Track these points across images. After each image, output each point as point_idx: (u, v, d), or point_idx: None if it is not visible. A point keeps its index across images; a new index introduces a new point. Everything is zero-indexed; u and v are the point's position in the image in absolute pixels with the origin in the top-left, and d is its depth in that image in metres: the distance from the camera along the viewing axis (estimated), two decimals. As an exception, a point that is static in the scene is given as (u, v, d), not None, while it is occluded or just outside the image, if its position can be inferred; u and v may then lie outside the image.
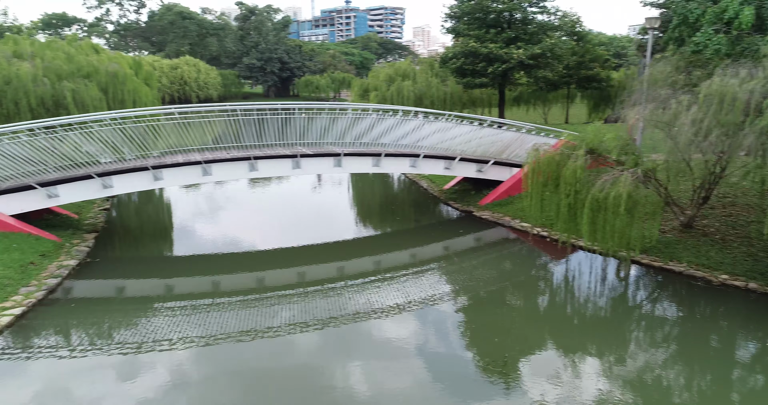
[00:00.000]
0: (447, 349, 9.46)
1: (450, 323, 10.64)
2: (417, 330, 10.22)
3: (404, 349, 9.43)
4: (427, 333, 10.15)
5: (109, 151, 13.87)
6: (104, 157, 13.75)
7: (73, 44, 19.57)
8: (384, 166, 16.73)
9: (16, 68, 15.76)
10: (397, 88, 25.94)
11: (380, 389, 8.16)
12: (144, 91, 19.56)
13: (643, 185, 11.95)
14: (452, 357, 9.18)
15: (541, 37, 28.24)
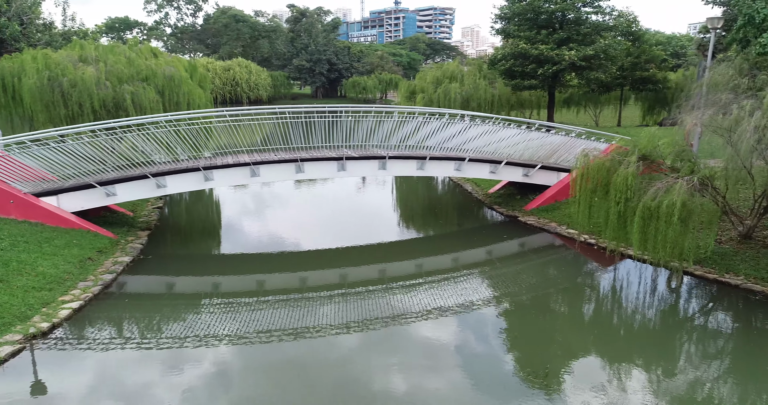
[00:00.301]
0: (486, 356, 9.35)
1: (490, 330, 10.50)
2: (456, 335, 10.18)
3: (442, 353, 9.42)
4: (466, 339, 10.08)
5: (163, 152, 14.43)
6: (159, 157, 14.30)
7: (133, 48, 20.46)
8: (428, 170, 16.68)
9: (82, 72, 16.62)
10: (444, 91, 25.80)
11: (416, 392, 8.16)
12: (198, 93, 20.22)
13: (699, 194, 11.45)
14: (491, 364, 9.07)
15: (595, 38, 27.47)
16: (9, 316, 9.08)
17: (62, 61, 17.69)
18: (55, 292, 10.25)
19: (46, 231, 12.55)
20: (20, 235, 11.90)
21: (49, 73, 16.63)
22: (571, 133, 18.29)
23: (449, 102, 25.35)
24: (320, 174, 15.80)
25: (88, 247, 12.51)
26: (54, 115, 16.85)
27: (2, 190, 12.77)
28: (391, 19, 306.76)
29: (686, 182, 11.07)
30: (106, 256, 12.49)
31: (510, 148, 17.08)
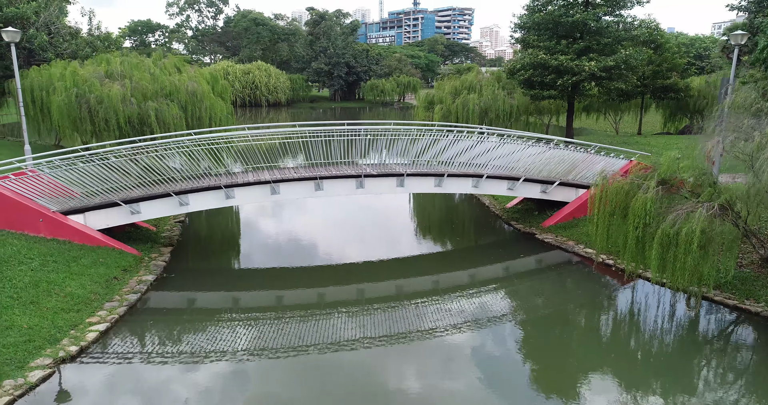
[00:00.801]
0: (498, 378, 9.49)
1: (503, 351, 10.69)
2: (471, 353, 10.46)
3: (459, 370, 9.71)
4: (481, 357, 10.36)
5: (186, 168, 14.76)
6: (181, 174, 14.62)
7: (157, 63, 20.93)
8: (446, 187, 16.77)
9: (108, 89, 17.06)
10: (462, 102, 25.82)
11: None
12: (219, 106, 20.58)
13: (720, 218, 11.37)
14: (504, 386, 9.21)
15: (616, 48, 27.24)
16: (39, 340, 9.42)
17: (89, 77, 18.17)
18: (82, 314, 10.59)
19: (73, 249, 12.93)
20: (49, 255, 12.28)
21: (77, 90, 17.09)
22: (591, 148, 18.22)
23: (467, 113, 25.38)
24: (339, 191, 15.98)
25: (113, 266, 12.86)
26: (81, 130, 17.33)
27: (32, 209, 13.18)
28: (409, 19, 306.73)
29: (706, 209, 11.02)
30: (131, 275, 12.83)
31: (529, 165, 17.08)
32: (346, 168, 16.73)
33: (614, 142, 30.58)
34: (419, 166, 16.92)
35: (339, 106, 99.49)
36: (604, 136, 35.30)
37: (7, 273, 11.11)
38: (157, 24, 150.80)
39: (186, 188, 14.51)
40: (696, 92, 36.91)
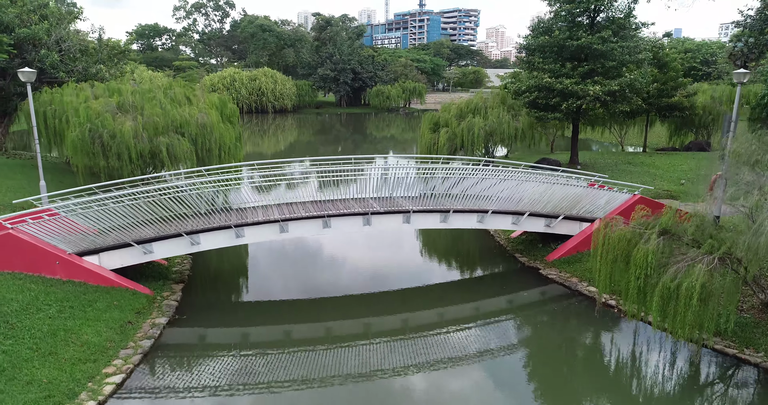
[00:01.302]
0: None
1: (501, 389, 11.19)
2: (468, 389, 11.04)
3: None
4: (479, 395, 10.78)
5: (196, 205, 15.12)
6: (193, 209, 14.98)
7: (168, 93, 21.35)
8: (451, 222, 17.05)
9: (121, 125, 17.46)
10: (467, 125, 26.07)
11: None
12: (228, 135, 20.94)
13: (719, 271, 11.59)
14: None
15: (620, 70, 27.43)
16: (59, 395, 9.77)
17: (102, 111, 18.56)
18: (99, 364, 10.94)
19: (88, 292, 13.30)
20: (66, 300, 12.66)
21: (90, 126, 17.47)
22: (594, 179, 18.46)
23: (473, 137, 25.64)
24: (346, 228, 16.30)
25: (127, 309, 13.22)
26: (94, 164, 17.69)
27: (49, 253, 13.56)
28: (415, 21, 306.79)
29: (706, 264, 11.25)
30: (144, 317, 13.19)
31: (533, 200, 17.34)
32: (353, 203, 17.07)
33: (619, 162, 30.80)
34: (425, 201, 17.22)
35: (345, 111, 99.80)
36: (608, 153, 35.47)
37: (27, 322, 11.48)
38: (164, 28, 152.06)
39: (197, 228, 14.86)
40: (701, 108, 37.06)
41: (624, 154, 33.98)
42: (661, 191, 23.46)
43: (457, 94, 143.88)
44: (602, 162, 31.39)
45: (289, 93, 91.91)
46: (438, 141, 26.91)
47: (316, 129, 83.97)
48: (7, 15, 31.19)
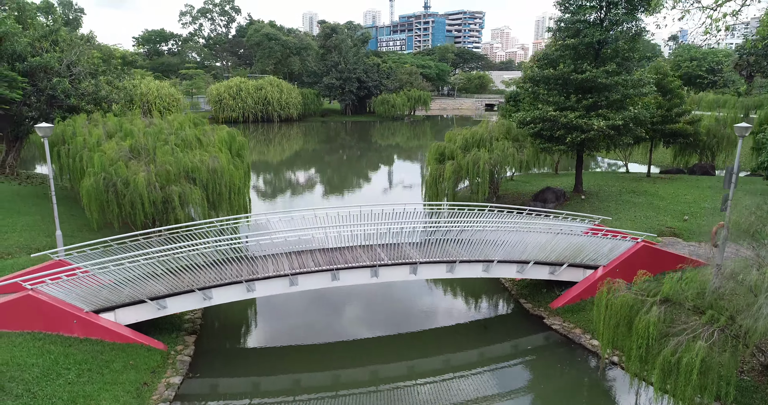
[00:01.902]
0: None
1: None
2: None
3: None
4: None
5: (209, 257, 15.55)
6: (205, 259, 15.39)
7: (179, 134, 21.84)
8: (458, 272, 17.40)
9: (134, 174, 17.89)
10: (473, 158, 26.38)
11: None
12: (237, 175, 21.34)
13: (720, 337, 11.89)
14: None
15: (625, 103, 27.67)
16: (81, 471, 10.19)
17: (116, 157, 19.00)
18: (117, 433, 11.35)
19: (105, 351, 13.72)
20: (84, 362, 13.07)
21: (104, 175, 17.90)
22: (601, 229, 18.77)
23: (478, 170, 25.97)
24: (354, 281, 16.66)
25: (143, 368, 13.63)
26: (108, 212, 18.12)
27: (67, 312, 13.98)
28: (420, 23, 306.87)
29: (706, 338, 11.56)
30: (159, 377, 13.60)
31: (537, 249, 17.65)
32: (360, 252, 17.46)
33: (623, 191, 31.01)
34: (430, 248, 17.53)
35: (350, 119, 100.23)
36: (612, 177, 35.66)
37: (48, 390, 11.90)
38: (170, 33, 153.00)
39: (209, 284, 15.27)
40: (705, 131, 37.23)
41: (628, 180, 34.16)
42: (664, 228, 23.72)
43: (462, 100, 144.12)
44: (606, 190, 31.63)
45: (294, 102, 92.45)
46: (444, 173, 27.24)
47: (321, 138, 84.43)
48: (20, 44, 31.74)
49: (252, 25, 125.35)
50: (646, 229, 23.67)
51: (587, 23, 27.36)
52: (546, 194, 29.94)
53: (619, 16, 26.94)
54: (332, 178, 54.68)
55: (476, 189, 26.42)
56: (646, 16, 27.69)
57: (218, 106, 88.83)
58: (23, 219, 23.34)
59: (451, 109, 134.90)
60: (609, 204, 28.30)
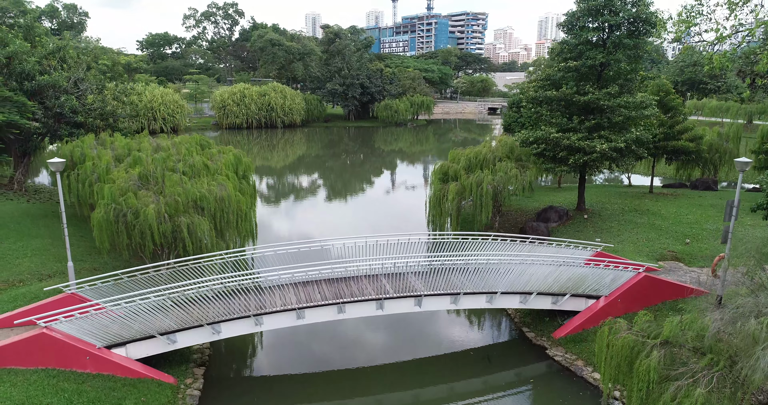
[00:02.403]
0: None
1: None
2: None
3: None
4: None
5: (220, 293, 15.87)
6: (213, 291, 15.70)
7: (187, 161, 22.21)
8: (462, 304, 17.70)
9: (144, 205, 18.24)
10: (476, 180, 26.63)
11: None
12: (244, 201, 21.68)
13: (719, 381, 12.15)
14: None
15: (627, 124, 27.90)
16: None
17: (125, 187, 19.35)
18: (131, 476, 11.67)
19: (117, 387, 14.05)
20: (97, 400, 13.40)
21: (114, 206, 18.23)
22: (603, 260, 19.03)
23: (481, 191, 26.20)
24: (360, 313, 16.96)
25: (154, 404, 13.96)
26: (118, 242, 18.46)
27: (80, 349, 14.31)
28: (423, 25, 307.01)
29: (705, 385, 11.82)
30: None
31: (540, 281, 17.92)
32: (365, 283, 17.76)
33: (625, 208, 31.22)
34: (435, 279, 17.82)
35: (353, 125, 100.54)
36: (615, 193, 35.85)
37: (63, 432, 12.23)
38: (174, 36, 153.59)
39: (218, 319, 15.58)
40: (707, 147, 37.42)
41: (630, 197, 34.35)
42: (666, 252, 23.94)
43: (465, 103, 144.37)
44: (609, 207, 31.86)
45: (298, 108, 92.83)
46: (447, 193, 27.50)
47: (324, 143, 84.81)
48: (29, 63, 32.12)
49: (255, 29, 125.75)
50: (648, 253, 23.94)
51: (590, 45, 27.60)
52: (549, 213, 30.20)
53: (621, 38, 27.16)
54: (335, 185, 55.16)
55: (480, 210, 26.66)
56: (648, 38, 27.93)
57: (222, 112, 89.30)
58: (34, 242, 23.70)
59: (454, 113, 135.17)
60: (611, 224, 28.53)
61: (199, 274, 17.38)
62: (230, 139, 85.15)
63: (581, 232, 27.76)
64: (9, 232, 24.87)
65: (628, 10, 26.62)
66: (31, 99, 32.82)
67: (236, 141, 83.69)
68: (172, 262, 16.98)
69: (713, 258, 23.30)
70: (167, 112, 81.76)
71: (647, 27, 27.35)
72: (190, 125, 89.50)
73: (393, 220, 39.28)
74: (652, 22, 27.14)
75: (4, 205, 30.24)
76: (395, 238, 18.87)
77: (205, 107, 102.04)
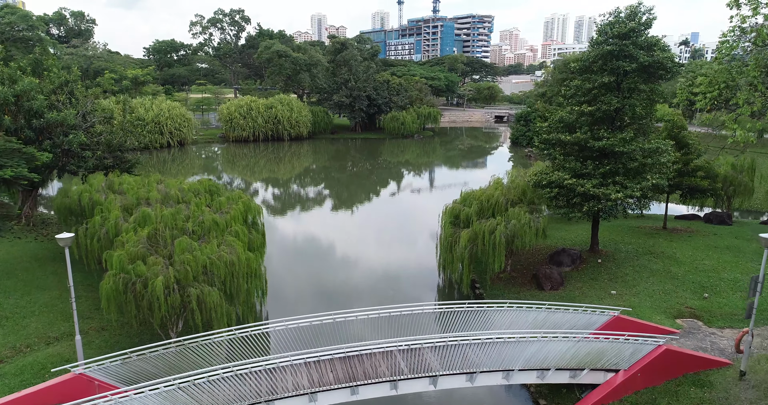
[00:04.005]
0: None
1: None
2: None
3: None
4: None
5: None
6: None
7: (197, 217, 21.95)
8: (478, 382, 17.28)
9: (153, 275, 17.94)
10: (489, 228, 26.18)
11: None
12: (254, 259, 21.39)
13: None
14: None
15: (642, 169, 27.36)
16: None
17: (134, 251, 19.09)
18: None
19: None
20: None
21: (123, 276, 17.95)
22: (620, 327, 18.59)
23: (494, 240, 25.76)
24: (374, 394, 16.57)
25: None
26: (126, 312, 18.19)
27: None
28: (429, 27, 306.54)
29: None
30: None
31: (558, 357, 17.49)
32: (379, 359, 17.36)
33: (639, 251, 30.69)
34: (450, 354, 17.39)
35: (360, 137, 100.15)
36: (629, 231, 35.31)
37: None
38: (180, 43, 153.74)
39: None
40: (722, 179, 36.82)
41: (644, 236, 33.78)
42: (683, 308, 23.47)
43: (472, 111, 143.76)
44: (622, 248, 31.36)
45: (304, 120, 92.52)
46: (459, 239, 27.07)
47: (330, 156, 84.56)
48: (38, 100, 31.93)
49: (262, 36, 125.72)
50: (666, 310, 23.46)
51: (604, 88, 27.10)
52: (561, 256, 29.74)
53: (636, 84, 26.67)
54: (342, 198, 54.88)
55: (492, 258, 26.22)
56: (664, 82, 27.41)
57: (229, 125, 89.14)
58: (41, 296, 23.49)
59: (461, 121, 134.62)
60: (626, 270, 28.04)
61: (208, 349, 17.06)
62: (237, 152, 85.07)
63: (595, 280, 27.29)
64: (17, 284, 24.67)
65: (643, 55, 26.08)
66: (39, 136, 32.68)
67: (243, 154, 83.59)
68: (183, 339, 16.64)
69: (733, 316, 22.85)
70: (174, 126, 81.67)
71: (662, 72, 26.85)
72: (197, 138, 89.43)
73: (402, 237, 39.14)
74: (668, 67, 26.64)
75: (12, 247, 30.05)
76: (409, 309, 18.46)
77: (212, 118, 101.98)
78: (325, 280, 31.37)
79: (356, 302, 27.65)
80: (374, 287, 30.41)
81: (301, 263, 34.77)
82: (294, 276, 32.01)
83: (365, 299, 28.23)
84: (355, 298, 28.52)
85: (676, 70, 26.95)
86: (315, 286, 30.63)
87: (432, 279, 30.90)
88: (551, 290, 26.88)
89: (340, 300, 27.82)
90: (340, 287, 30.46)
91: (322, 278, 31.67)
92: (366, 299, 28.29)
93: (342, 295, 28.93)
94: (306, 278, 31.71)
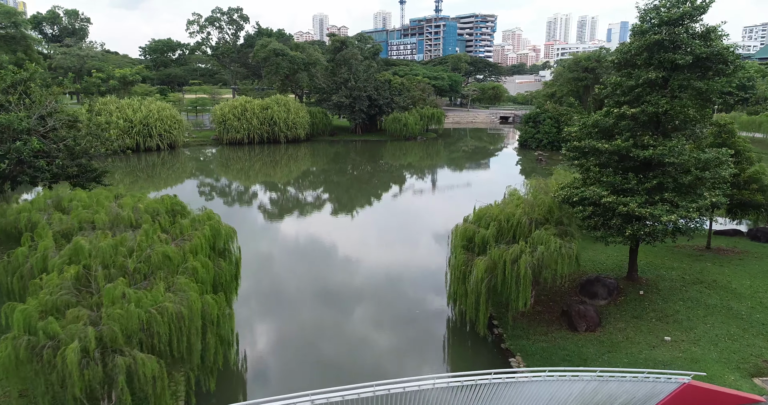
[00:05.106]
0: None
1: None
2: None
3: None
4: None
5: None
6: None
7: (144, 250, 17.14)
8: None
9: (70, 337, 13.25)
10: (511, 257, 21.23)
11: None
12: (215, 305, 16.70)
13: None
14: None
15: (696, 184, 22.43)
16: None
17: (49, 301, 14.34)
18: None
19: None
20: None
21: (28, 338, 13.31)
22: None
23: (517, 273, 20.90)
24: None
25: None
26: (34, 388, 13.45)
27: None
28: (431, 27, 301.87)
29: None
30: None
31: None
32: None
33: (686, 279, 25.93)
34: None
35: (360, 139, 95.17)
36: (671, 254, 30.42)
37: None
38: (177, 42, 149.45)
39: None
40: None
41: (687, 258, 28.94)
42: (760, 363, 18.69)
43: (476, 112, 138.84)
44: (665, 275, 26.58)
45: (302, 122, 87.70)
46: (473, 269, 22.13)
47: (329, 160, 79.66)
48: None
49: (260, 35, 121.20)
50: (737, 363, 18.72)
51: (650, 86, 22.28)
52: (595, 287, 24.91)
53: (690, 80, 21.84)
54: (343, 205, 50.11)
55: (515, 295, 21.37)
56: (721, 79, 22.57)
57: (222, 127, 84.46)
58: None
59: (465, 122, 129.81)
60: (676, 306, 23.22)
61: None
62: (230, 155, 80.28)
63: (640, 319, 22.48)
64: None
65: (700, 46, 21.23)
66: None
67: (236, 157, 78.79)
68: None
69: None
70: (164, 127, 77.00)
71: (721, 66, 21.99)
72: (189, 140, 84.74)
73: (406, 246, 34.24)
74: (729, 60, 21.79)
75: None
76: (415, 385, 13.63)
77: (206, 120, 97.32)
78: (322, 299, 26.57)
79: (358, 333, 22.98)
80: (379, 317, 25.64)
81: (295, 278, 29.94)
82: (287, 290, 27.21)
83: (368, 330, 23.48)
84: (358, 338, 23.79)
85: (740, 64, 22.08)
86: (310, 310, 25.83)
87: (440, 301, 26.31)
88: (587, 331, 22.09)
89: (341, 334, 23.08)
90: (340, 313, 25.65)
91: (319, 297, 26.90)
92: (370, 332, 23.56)
93: (342, 325, 24.17)
94: (299, 295, 26.91)
